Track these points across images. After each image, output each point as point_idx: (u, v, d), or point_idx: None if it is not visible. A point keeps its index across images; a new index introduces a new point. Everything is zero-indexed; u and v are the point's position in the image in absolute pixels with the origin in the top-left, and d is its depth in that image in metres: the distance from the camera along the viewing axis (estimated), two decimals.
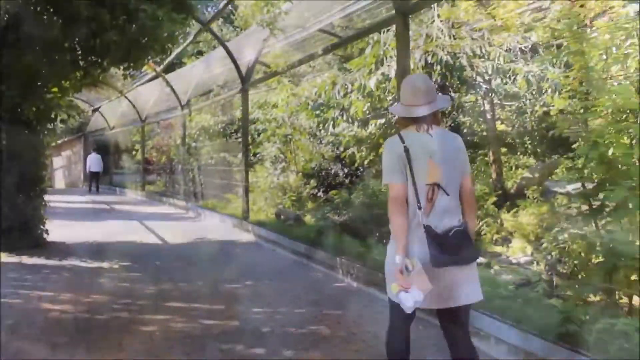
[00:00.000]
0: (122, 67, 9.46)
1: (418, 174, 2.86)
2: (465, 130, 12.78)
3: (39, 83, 8.87)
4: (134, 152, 23.46)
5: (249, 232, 10.57)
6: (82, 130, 30.54)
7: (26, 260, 7.97)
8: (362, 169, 12.07)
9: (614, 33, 4.94)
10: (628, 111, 4.63)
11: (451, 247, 2.80)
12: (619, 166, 4.39)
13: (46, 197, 9.62)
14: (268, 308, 5.52)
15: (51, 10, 7.94)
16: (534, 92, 11.51)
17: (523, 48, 9.44)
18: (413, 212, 2.88)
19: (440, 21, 8.74)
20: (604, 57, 5.25)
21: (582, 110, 9.90)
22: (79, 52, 8.65)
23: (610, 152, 4.46)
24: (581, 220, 4.84)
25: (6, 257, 7.98)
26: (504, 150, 12.94)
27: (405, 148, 2.88)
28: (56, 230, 9.89)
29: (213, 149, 16.63)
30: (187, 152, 17.18)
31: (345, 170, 13.01)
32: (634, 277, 4.33)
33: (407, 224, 2.85)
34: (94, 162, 23.75)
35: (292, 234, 8.91)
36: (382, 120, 10.09)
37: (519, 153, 13.43)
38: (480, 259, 8.39)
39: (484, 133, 12.76)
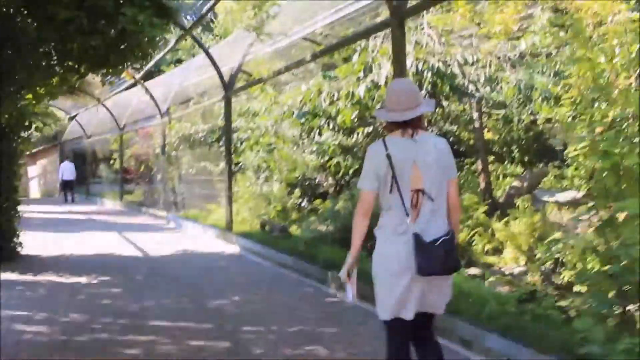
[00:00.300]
0: (100, 73, 9.10)
1: (403, 180, 2.84)
2: (451, 139, 12.60)
3: (12, 89, 8.45)
4: (112, 161, 22.98)
5: (233, 243, 10.23)
6: (58, 139, 29.85)
7: None
8: (348, 178, 11.80)
9: (620, 39, 4.76)
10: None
11: (438, 257, 2.78)
12: (633, 176, 4.18)
13: (20, 208, 9.19)
14: (259, 326, 5.19)
15: (25, 12, 7.56)
16: (521, 100, 11.41)
17: (511, 56, 9.32)
18: (400, 219, 2.84)
19: (430, 27, 8.55)
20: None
21: (569, 119, 9.74)
22: (55, 57, 8.29)
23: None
24: (594, 232, 4.60)
25: None
26: (491, 158, 12.78)
27: (387, 155, 2.84)
28: (31, 243, 9.46)
29: (194, 158, 16.27)
30: (167, 161, 16.78)
31: (330, 179, 12.75)
32: None
33: (366, 231, 2.93)
34: (67, 170, 23.29)
35: (278, 246, 8.61)
36: (370, 129, 9.86)
37: (506, 162, 13.27)
38: (474, 271, 8.18)
39: (472, 142, 12.60)
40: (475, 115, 11.15)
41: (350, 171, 11.73)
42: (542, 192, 10.62)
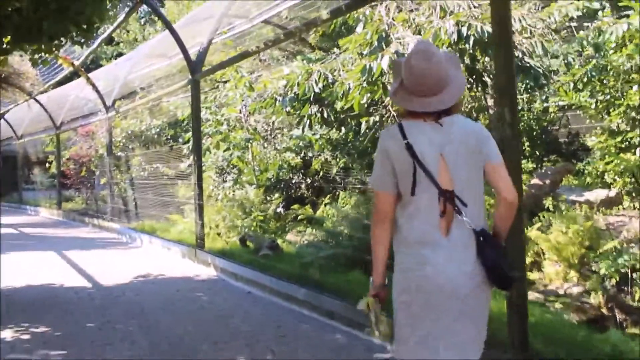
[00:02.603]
0: (30, 50, 6.99)
1: (428, 179, 2.20)
2: None
3: None
4: (47, 165, 20.47)
5: (207, 265, 8.11)
6: None
7: None
8: (344, 179, 9.98)
9: None
10: None
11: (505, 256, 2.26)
12: None
13: None
14: None
15: None
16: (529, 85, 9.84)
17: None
18: (430, 226, 2.18)
19: None
20: None
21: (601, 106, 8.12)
22: None
23: None
24: None
25: None
26: None
27: (407, 144, 2.18)
28: None
29: (146, 159, 14.01)
30: (114, 163, 14.43)
31: (308, 180, 10.90)
32: None
33: (389, 242, 2.31)
34: None
35: (275, 270, 6.56)
36: (376, 118, 8.00)
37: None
38: (532, 296, 6.50)
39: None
40: (491, 102, 9.48)
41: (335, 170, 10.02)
42: (565, 191, 9.21)
